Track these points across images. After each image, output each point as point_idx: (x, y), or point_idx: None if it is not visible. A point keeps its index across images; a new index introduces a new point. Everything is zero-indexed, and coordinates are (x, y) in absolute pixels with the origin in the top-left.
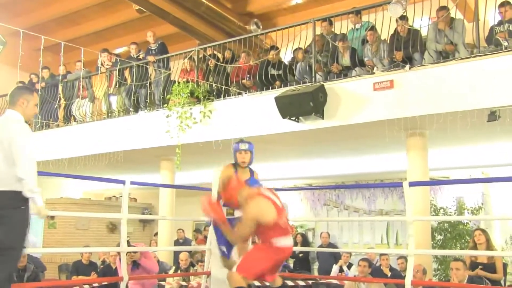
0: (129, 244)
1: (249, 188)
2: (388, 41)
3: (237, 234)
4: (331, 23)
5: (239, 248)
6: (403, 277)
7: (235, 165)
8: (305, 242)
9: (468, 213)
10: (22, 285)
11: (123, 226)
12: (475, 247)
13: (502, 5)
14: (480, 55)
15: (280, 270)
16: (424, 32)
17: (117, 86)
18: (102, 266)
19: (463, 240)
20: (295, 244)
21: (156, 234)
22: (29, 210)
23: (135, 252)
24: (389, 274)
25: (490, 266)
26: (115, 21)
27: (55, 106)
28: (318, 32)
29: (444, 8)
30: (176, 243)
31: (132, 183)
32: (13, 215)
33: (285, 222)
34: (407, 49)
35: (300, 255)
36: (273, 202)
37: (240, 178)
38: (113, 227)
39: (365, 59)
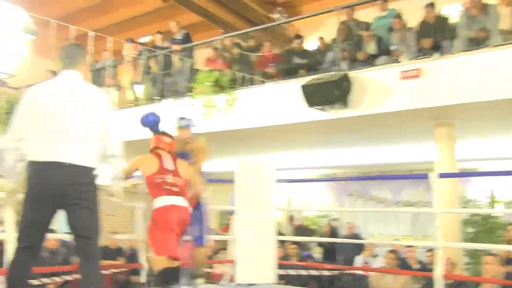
0: None
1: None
2: (416, 29)
3: None
4: (353, 11)
5: None
6: (431, 270)
7: None
8: (334, 233)
9: (501, 205)
10: (55, 268)
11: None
12: (509, 242)
13: None
14: None
15: (303, 259)
16: (454, 19)
17: (142, 75)
18: (129, 251)
19: (494, 235)
20: (322, 233)
21: None
22: None
23: None
24: (416, 267)
25: None
26: (140, 11)
27: None
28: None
29: None
30: None
31: None
32: (96, 197)
33: (163, 185)
34: (435, 36)
35: (329, 246)
36: (160, 161)
37: None
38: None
39: (392, 47)
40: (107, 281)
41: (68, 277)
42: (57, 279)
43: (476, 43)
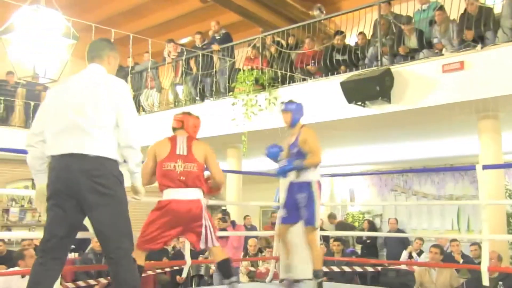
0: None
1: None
2: (458, 21)
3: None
4: (390, 4)
5: None
6: (476, 264)
7: None
8: (372, 228)
9: None
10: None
11: None
12: None
13: None
14: None
15: (347, 255)
16: (497, 9)
17: (183, 76)
18: (173, 252)
19: None
20: (362, 230)
21: None
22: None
23: (225, 222)
24: (461, 261)
25: None
26: (179, 12)
27: None
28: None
29: None
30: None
31: None
32: (122, 193)
33: (174, 174)
34: (478, 28)
35: (368, 241)
36: (173, 146)
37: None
38: None
39: (434, 40)
40: (150, 281)
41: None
42: (102, 280)
43: None
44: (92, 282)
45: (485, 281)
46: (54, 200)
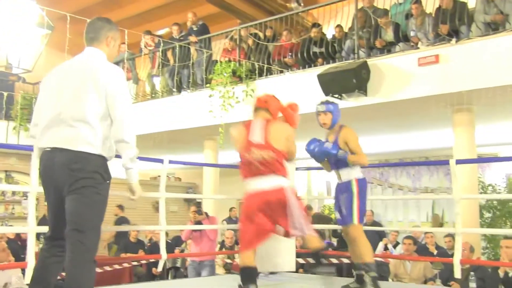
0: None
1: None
2: (433, 15)
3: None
4: None
5: None
6: (450, 255)
7: None
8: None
9: None
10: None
11: (162, 205)
12: None
13: None
14: None
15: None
16: (471, 4)
17: (160, 67)
18: (149, 244)
19: None
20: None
21: None
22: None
23: (200, 214)
24: (435, 252)
25: None
26: (156, 3)
27: None
28: (360, 7)
29: None
30: (229, 220)
31: (170, 162)
32: (99, 189)
33: (257, 160)
34: (453, 22)
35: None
36: (247, 133)
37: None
38: (158, 206)
39: (410, 33)
40: (127, 273)
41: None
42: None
43: (494, 27)
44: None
45: (457, 274)
46: (46, 193)
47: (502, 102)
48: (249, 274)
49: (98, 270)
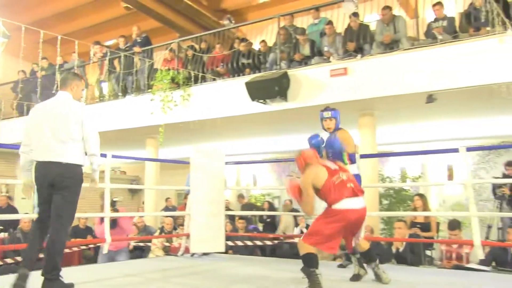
0: (115, 205)
1: (312, 159)
2: (343, 34)
3: (303, 203)
4: (292, 17)
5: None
6: None
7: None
8: (272, 208)
9: (410, 181)
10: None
11: (107, 194)
12: (414, 210)
13: (435, 4)
14: (420, 46)
15: (250, 231)
16: (372, 27)
17: (107, 74)
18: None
19: (405, 204)
20: (262, 210)
21: (143, 202)
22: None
23: (116, 211)
24: None
25: (426, 225)
26: (106, 17)
27: (53, 92)
28: (282, 25)
29: (387, 8)
30: (166, 209)
31: (113, 156)
32: (78, 189)
33: (344, 182)
34: (358, 40)
35: (268, 220)
36: (326, 167)
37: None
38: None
39: (324, 49)
40: (76, 256)
41: (41, 255)
42: None
43: (390, 47)
44: (19, 259)
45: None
46: (40, 190)
47: (397, 108)
48: (314, 259)
49: None
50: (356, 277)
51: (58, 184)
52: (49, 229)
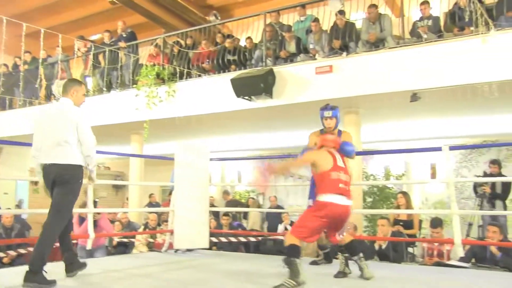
0: (96, 205)
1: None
2: (329, 32)
3: (293, 162)
4: (279, 14)
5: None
6: None
7: (322, 131)
8: (257, 206)
9: (393, 179)
10: (10, 241)
11: (90, 190)
12: (398, 207)
13: (422, 3)
14: (405, 45)
15: (234, 228)
16: (358, 25)
17: (92, 69)
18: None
19: (388, 202)
20: (247, 207)
21: (127, 198)
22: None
23: (98, 213)
24: None
25: (409, 223)
26: (91, 11)
27: (37, 86)
28: (268, 22)
29: (373, 6)
30: (150, 205)
31: (97, 152)
32: (76, 186)
33: (340, 182)
34: (344, 38)
35: None
36: (334, 158)
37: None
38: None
39: (309, 46)
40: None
41: (22, 250)
42: (11, 252)
43: (376, 45)
44: (1, 254)
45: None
46: (48, 191)
47: (382, 107)
48: (297, 250)
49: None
50: (340, 274)
51: (58, 180)
52: (69, 223)
